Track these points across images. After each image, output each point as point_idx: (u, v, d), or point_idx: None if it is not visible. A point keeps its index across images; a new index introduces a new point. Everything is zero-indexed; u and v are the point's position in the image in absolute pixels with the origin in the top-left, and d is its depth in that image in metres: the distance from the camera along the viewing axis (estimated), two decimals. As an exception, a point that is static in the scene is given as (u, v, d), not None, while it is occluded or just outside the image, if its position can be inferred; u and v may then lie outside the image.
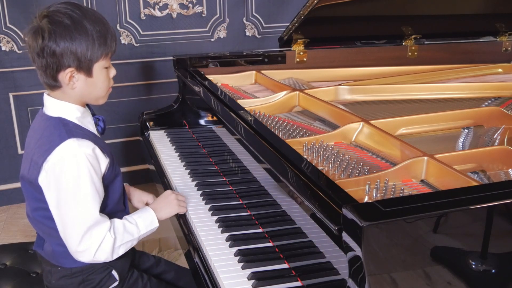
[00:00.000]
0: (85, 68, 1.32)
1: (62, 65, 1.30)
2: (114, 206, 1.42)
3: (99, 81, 1.36)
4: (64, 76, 1.31)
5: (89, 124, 1.40)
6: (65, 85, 1.33)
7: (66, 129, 1.31)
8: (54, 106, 1.36)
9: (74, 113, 1.36)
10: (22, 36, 2.86)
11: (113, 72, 1.40)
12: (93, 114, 1.44)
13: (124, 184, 1.57)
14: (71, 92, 1.35)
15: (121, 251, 1.37)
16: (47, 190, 1.31)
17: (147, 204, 1.60)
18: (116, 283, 1.45)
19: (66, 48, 1.29)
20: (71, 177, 1.28)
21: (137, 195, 1.64)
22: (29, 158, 1.35)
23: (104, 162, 1.36)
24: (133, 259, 1.58)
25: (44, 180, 1.31)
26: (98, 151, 1.34)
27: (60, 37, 1.28)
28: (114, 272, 1.45)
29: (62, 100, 1.36)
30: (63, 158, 1.28)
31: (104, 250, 1.33)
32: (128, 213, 1.50)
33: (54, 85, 1.34)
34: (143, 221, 1.42)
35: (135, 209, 1.51)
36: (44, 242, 1.44)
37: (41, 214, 1.37)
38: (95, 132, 1.41)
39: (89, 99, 1.39)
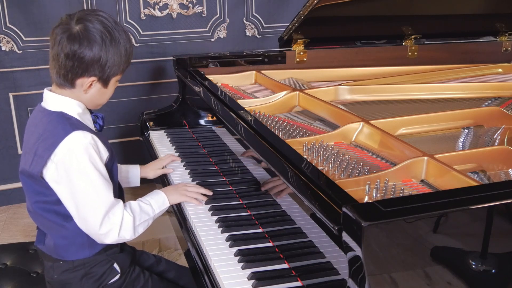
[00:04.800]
0: (105, 80, 1.38)
1: (87, 73, 1.35)
2: None
3: (109, 92, 1.44)
4: (84, 82, 1.36)
5: (88, 121, 1.44)
6: (79, 88, 1.37)
7: (69, 123, 1.35)
8: (56, 101, 1.39)
9: (75, 109, 1.39)
10: (22, 36, 2.87)
11: (116, 84, 1.46)
12: (91, 112, 1.47)
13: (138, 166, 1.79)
14: (80, 95, 1.39)
15: (140, 230, 1.44)
16: (57, 183, 1.34)
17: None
18: (117, 276, 1.47)
19: (98, 59, 1.33)
20: (82, 167, 1.32)
21: (152, 167, 1.81)
22: (31, 152, 1.37)
23: (104, 154, 1.40)
24: (134, 256, 1.59)
25: (53, 174, 1.33)
26: (99, 143, 1.38)
27: (96, 47, 1.32)
28: (116, 265, 1.47)
29: (65, 96, 1.39)
30: (70, 150, 1.31)
31: (127, 229, 1.39)
32: None
33: (67, 85, 1.37)
34: (156, 202, 1.50)
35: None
36: (45, 237, 1.46)
37: (41, 207, 1.40)
38: (93, 129, 1.44)
39: (91, 105, 1.44)
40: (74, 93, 1.38)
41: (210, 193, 1.60)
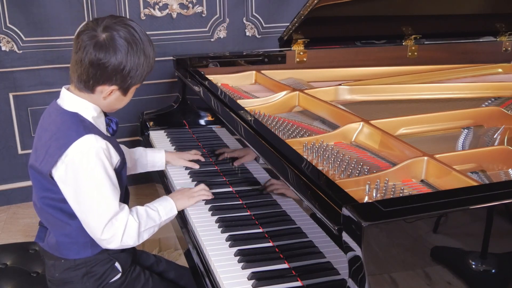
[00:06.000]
0: (126, 88, 1.40)
1: (109, 81, 1.35)
2: None
3: (127, 99, 1.45)
4: (104, 89, 1.36)
5: (101, 125, 1.44)
6: (98, 95, 1.38)
7: (83, 125, 1.35)
8: (73, 101, 1.39)
9: (91, 112, 1.40)
10: (22, 36, 2.87)
11: (134, 91, 1.47)
12: (105, 115, 1.47)
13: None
14: (98, 100, 1.40)
15: (145, 236, 1.43)
16: (65, 184, 1.35)
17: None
18: (119, 275, 1.48)
19: (121, 69, 1.34)
20: (91, 171, 1.32)
21: (179, 155, 1.83)
22: (42, 150, 1.37)
23: (115, 158, 1.41)
24: (135, 256, 1.59)
25: (62, 174, 1.34)
26: (111, 147, 1.39)
27: (121, 57, 1.32)
28: (117, 264, 1.47)
29: (82, 98, 1.39)
30: (81, 152, 1.32)
31: (130, 235, 1.38)
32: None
33: (86, 91, 1.38)
34: (164, 209, 1.49)
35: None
36: (46, 234, 1.47)
37: (47, 203, 1.40)
38: (105, 132, 1.45)
39: (108, 109, 1.45)
40: (92, 97, 1.39)
41: (212, 196, 1.61)
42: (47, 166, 1.34)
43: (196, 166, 1.82)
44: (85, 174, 1.32)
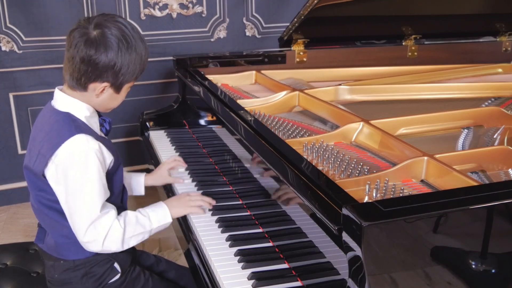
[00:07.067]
0: (118, 86, 1.38)
1: (100, 78, 1.35)
2: (113, 201, 1.44)
3: (120, 97, 1.43)
4: (96, 87, 1.36)
5: (95, 125, 1.43)
6: (91, 93, 1.37)
7: (75, 125, 1.35)
8: (66, 101, 1.39)
9: (83, 112, 1.39)
10: (22, 36, 2.87)
11: (128, 89, 1.46)
12: (99, 115, 1.47)
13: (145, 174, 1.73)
14: (91, 98, 1.39)
15: (132, 242, 1.41)
16: (56, 183, 1.35)
17: None
18: (118, 276, 1.47)
19: (112, 65, 1.33)
20: (80, 171, 1.32)
21: (158, 174, 1.77)
22: (36, 150, 1.37)
23: (108, 158, 1.40)
24: (134, 256, 1.59)
25: (53, 174, 1.34)
26: (103, 148, 1.38)
27: (112, 54, 1.32)
28: (116, 265, 1.47)
29: (75, 98, 1.39)
30: (72, 152, 1.31)
31: (113, 240, 1.36)
32: (125, 210, 1.51)
33: (79, 88, 1.37)
34: (156, 215, 1.46)
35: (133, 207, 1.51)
36: (45, 235, 1.47)
37: (43, 203, 1.40)
38: (99, 132, 1.44)
39: (102, 108, 1.44)
40: (85, 96, 1.38)
41: (214, 202, 1.57)
42: (40, 166, 1.34)
43: (180, 181, 1.76)
44: (73, 175, 1.31)
